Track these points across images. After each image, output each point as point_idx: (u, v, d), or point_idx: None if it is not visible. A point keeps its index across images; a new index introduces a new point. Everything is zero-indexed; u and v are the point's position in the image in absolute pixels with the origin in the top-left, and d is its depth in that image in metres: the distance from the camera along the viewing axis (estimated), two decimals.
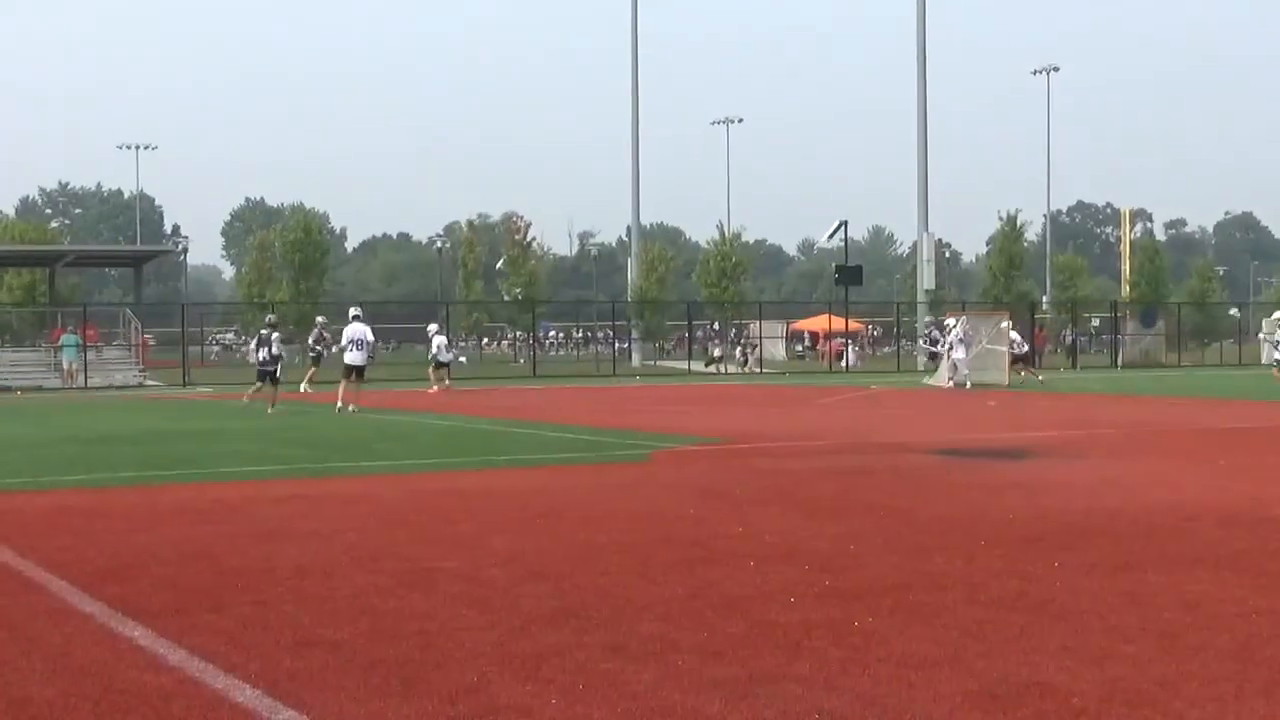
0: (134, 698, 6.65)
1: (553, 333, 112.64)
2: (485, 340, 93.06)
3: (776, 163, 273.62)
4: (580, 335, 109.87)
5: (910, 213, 72.73)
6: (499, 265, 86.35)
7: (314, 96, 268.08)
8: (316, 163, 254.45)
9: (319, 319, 38.13)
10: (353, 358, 31.90)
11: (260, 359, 32.76)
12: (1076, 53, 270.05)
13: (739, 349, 71.40)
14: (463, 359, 42.05)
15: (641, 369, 68.12)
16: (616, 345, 75.85)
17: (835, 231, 73.79)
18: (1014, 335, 46.93)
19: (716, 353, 69.41)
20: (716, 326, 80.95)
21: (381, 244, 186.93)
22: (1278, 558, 10.47)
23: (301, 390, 33.59)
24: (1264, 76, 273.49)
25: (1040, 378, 46.23)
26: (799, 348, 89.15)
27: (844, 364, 68.10)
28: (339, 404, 31.20)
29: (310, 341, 38.04)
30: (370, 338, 32.48)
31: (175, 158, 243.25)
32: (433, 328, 45.32)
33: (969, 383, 42.99)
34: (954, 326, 44.87)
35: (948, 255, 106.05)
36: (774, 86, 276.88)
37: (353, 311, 33.50)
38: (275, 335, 33.04)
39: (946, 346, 45.16)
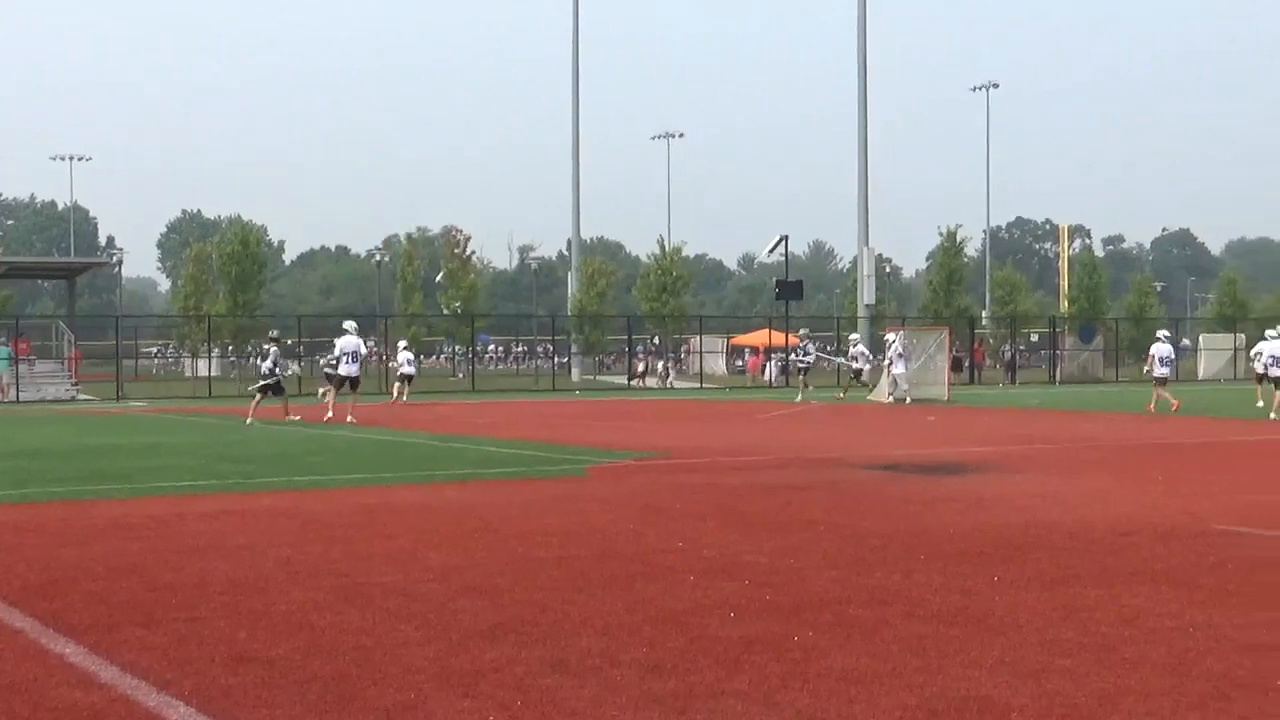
0: (65, 715, 6.58)
1: (492, 346, 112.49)
2: (420, 355, 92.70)
3: (717, 177, 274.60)
4: (520, 349, 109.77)
5: (851, 228, 73.25)
6: (438, 278, 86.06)
7: (252, 108, 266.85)
8: (255, 174, 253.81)
9: (272, 333, 37.26)
10: (349, 369, 33.09)
11: (263, 373, 34.02)
12: (1016, 69, 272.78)
13: (660, 363, 71.42)
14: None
15: (581, 383, 68.04)
16: (556, 359, 75.76)
17: (775, 246, 73.85)
18: (860, 348, 47.21)
19: (640, 367, 69.46)
20: (656, 341, 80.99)
21: (320, 256, 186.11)
22: (1214, 572, 10.56)
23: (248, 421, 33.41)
24: (1201, 95, 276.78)
25: (842, 394, 46.74)
26: (739, 362, 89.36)
27: (768, 379, 68.30)
28: (329, 414, 32.42)
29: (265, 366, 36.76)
30: (364, 350, 33.33)
31: (110, 169, 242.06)
32: (402, 343, 48.62)
33: (909, 398, 43.19)
34: (893, 341, 45.00)
35: (888, 270, 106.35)
36: (714, 101, 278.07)
37: (346, 324, 34.46)
38: (275, 350, 34.12)
39: (887, 362, 45.32)
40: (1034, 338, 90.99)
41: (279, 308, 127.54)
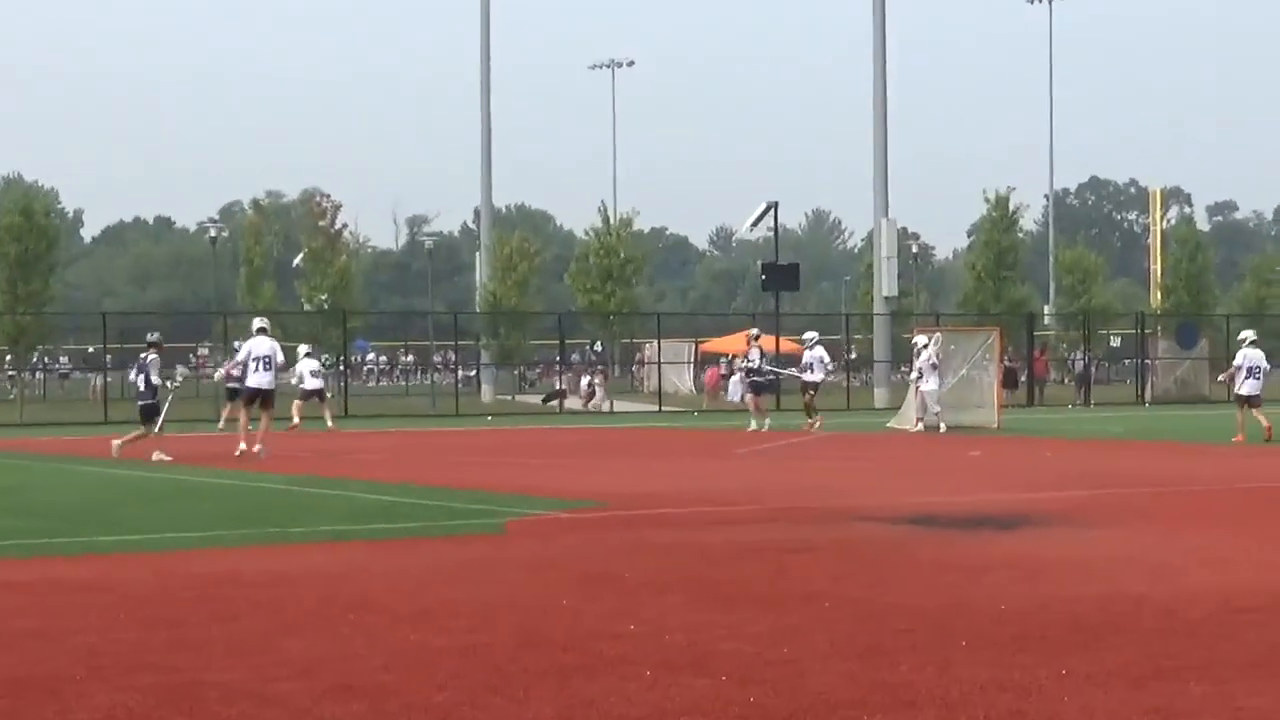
0: None
1: (372, 355, 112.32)
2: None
3: (680, 123, 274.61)
4: (410, 359, 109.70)
5: (864, 193, 73.17)
6: (296, 261, 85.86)
7: (34, 26, 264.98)
8: (40, 120, 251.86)
9: (151, 336, 36.93)
10: (259, 380, 33.54)
11: (139, 390, 33.97)
12: None
13: (585, 379, 71.47)
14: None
15: (495, 406, 67.93)
16: (460, 373, 75.64)
17: (761, 217, 74.09)
18: (820, 353, 46.29)
19: (559, 384, 69.70)
20: (599, 348, 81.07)
21: (132, 231, 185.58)
22: None
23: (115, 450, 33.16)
24: None
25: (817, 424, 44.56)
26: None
27: (735, 397, 68.14)
28: (241, 446, 32.54)
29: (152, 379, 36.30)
30: (281, 357, 34.47)
31: None
32: (303, 349, 48.34)
33: (943, 424, 43.26)
34: (926, 348, 44.81)
35: (916, 250, 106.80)
36: (677, 19, 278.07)
37: (258, 324, 34.90)
38: (153, 359, 33.77)
39: (915, 376, 45.35)
40: (1115, 342, 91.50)
41: (77, 301, 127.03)
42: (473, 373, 79.72)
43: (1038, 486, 25.15)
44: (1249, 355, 38.64)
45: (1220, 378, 40.11)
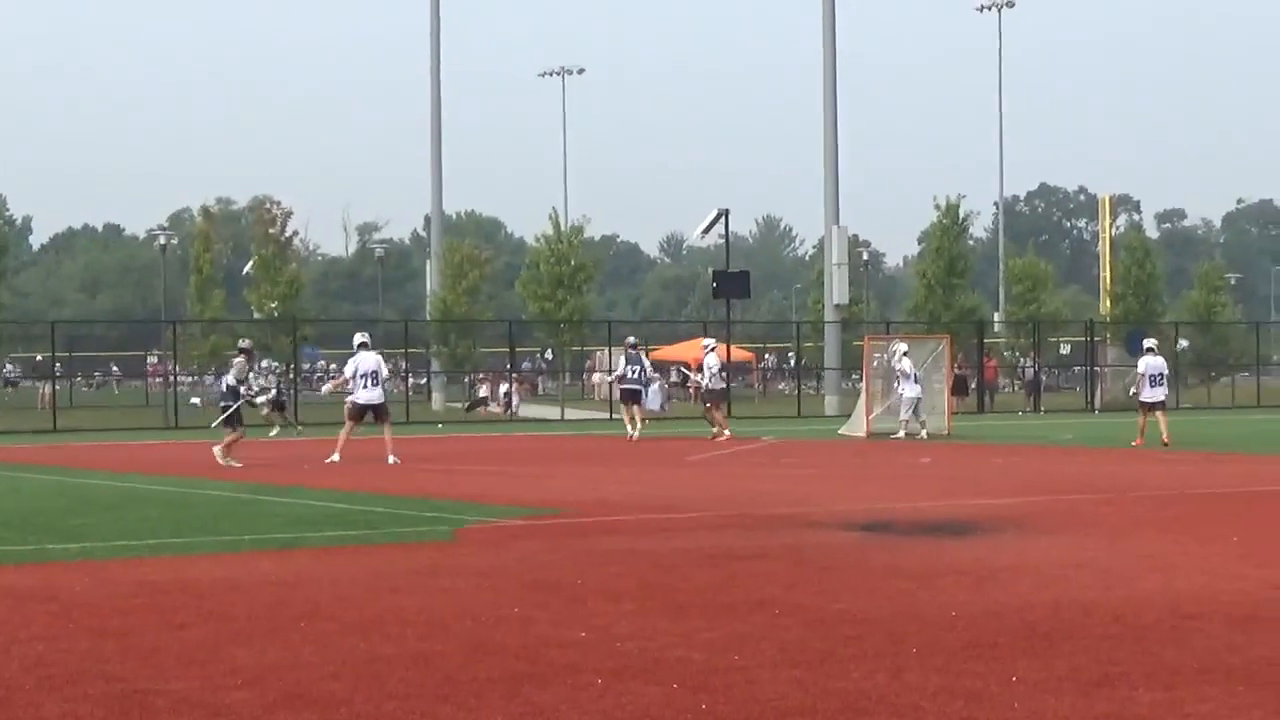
0: None
1: (322, 362, 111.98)
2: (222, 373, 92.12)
3: (631, 131, 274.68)
4: None
5: (814, 200, 73.21)
6: (246, 269, 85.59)
7: None
8: None
9: (242, 343, 37.37)
10: (368, 396, 34.50)
11: (221, 392, 35.14)
12: None
13: (504, 387, 71.33)
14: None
15: (446, 414, 67.77)
16: (411, 380, 75.42)
17: (712, 224, 73.95)
18: (711, 361, 46.14)
19: (482, 392, 69.59)
20: (549, 355, 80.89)
21: (81, 239, 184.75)
22: None
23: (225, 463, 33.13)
24: None
25: (723, 432, 44.22)
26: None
27: (656, 405, 67.86)
28: (333, 457, 33.28)
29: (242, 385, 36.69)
30: (385, 371, 35.37)
31: None
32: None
33: (904, 430, 43.13)
34: (903, 354, 44.33)
35: (867, 258, 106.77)
36: (627, 26, 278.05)
37: (360, 339, 35.61)
38: (238, 362, 35.01)
39: (895, 383, 44.97)
40: (1065, 349, 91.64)
41: (24, 310, 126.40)
42: (423, 380, 79.43)
43: (988, 493, 25.22)
44: (1150, 363, 39.22)
45: (1130, 391, 40.82)
